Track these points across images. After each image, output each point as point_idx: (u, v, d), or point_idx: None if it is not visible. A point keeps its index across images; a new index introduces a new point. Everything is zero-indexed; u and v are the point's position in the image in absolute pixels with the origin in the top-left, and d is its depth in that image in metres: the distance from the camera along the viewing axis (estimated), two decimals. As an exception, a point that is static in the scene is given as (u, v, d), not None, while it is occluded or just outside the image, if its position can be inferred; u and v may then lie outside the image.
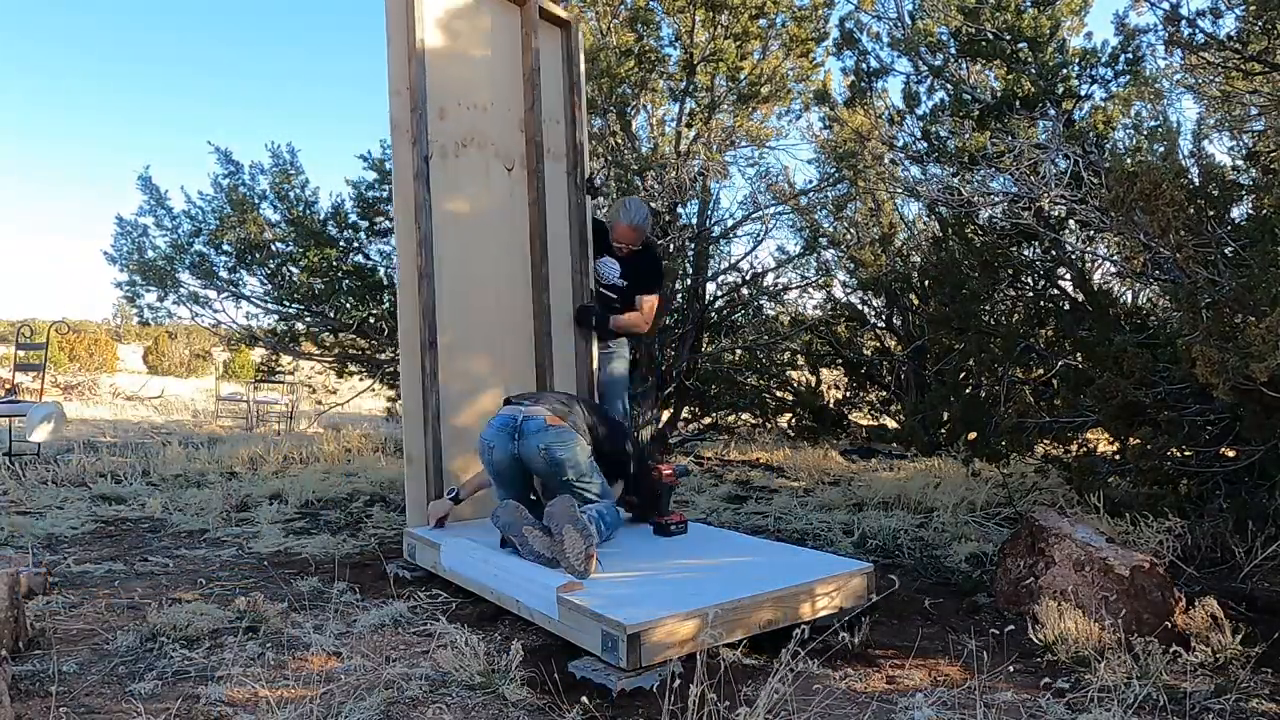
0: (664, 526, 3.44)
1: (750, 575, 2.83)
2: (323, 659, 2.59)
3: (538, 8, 4.08)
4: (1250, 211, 3.65)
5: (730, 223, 7.40)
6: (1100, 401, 3.59)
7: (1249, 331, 2.55)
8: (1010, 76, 4.81)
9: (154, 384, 16.40)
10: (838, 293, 7.92)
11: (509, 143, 4.05)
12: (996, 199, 4.73)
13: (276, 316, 8.03)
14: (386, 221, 7.43)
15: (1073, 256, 4.68)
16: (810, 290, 8.00)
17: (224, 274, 7.69)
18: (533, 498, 3.47)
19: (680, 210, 6.86)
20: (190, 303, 7.89)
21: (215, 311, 8.00)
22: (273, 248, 7.41)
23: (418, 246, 3.70)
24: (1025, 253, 4.72)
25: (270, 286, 7.64)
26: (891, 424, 7.40)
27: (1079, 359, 4.12)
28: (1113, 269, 4.83)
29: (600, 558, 3.02)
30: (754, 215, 7.19)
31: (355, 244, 7.58)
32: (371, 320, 7.54)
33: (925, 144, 5.28)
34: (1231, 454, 3.55)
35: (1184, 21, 3.78)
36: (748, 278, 7.56)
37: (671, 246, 6.60)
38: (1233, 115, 4.71)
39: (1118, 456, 3.96)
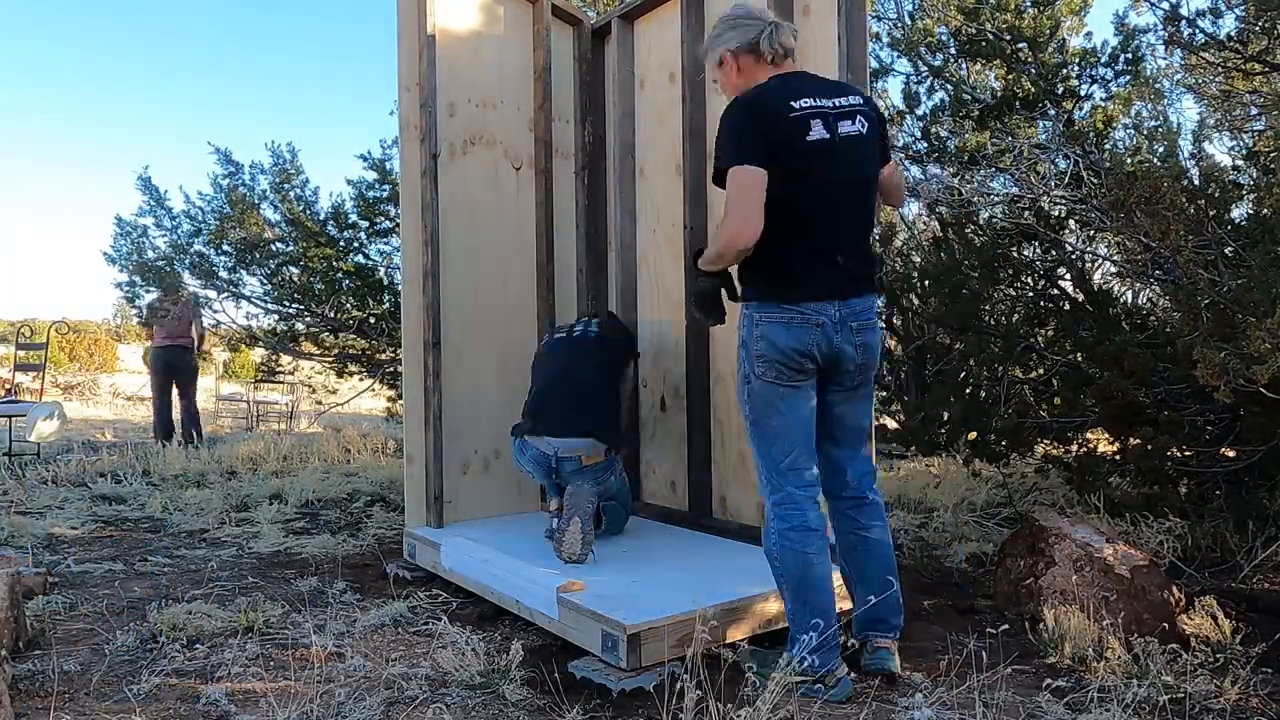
0: None
1: (751, 574, 2.83)
2: (323, 659, 2.59)
3: (550, 5, 4.07)
4: (1250, 211, 3.65)
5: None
6: (1100, 401, 3.58)
7: (1250, 334, 2.54)
8: (1010, 76, 4.82)
9: (154, 384, 16.35)
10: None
11: (518, 141, 4.05)
12: (996, 199, 4.73)
13: (276, 316, 8.04)
14: (387, 221, 7.44)
15: (1073, 256, 4.68)
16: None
17: (224, 274, 7.70)
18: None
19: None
20: (190, 303, 7.89)
21: (215, 312, 8.02)
22: (273, 248, 7.41)
23: (423, 245, 3.70)
24: (1025, 253, 4.72)
25: (270, 286, 7.65)
26: (891, 424, 7.39)
27: (1079, 359, 4.12)
28: (1113, 269, 4.83)
29: (601, 557, 3.03)
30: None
31: (355, 244, 7.59)
32: (371, 320, 7.55)
33: (925, 144, 5.28)
34: (1231, 454, 3.55)
35: (1184, 21, 3.78)
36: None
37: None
38: (1233, 115, 4.72)
39: (1118, 456, 3.96)
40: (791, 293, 2.30)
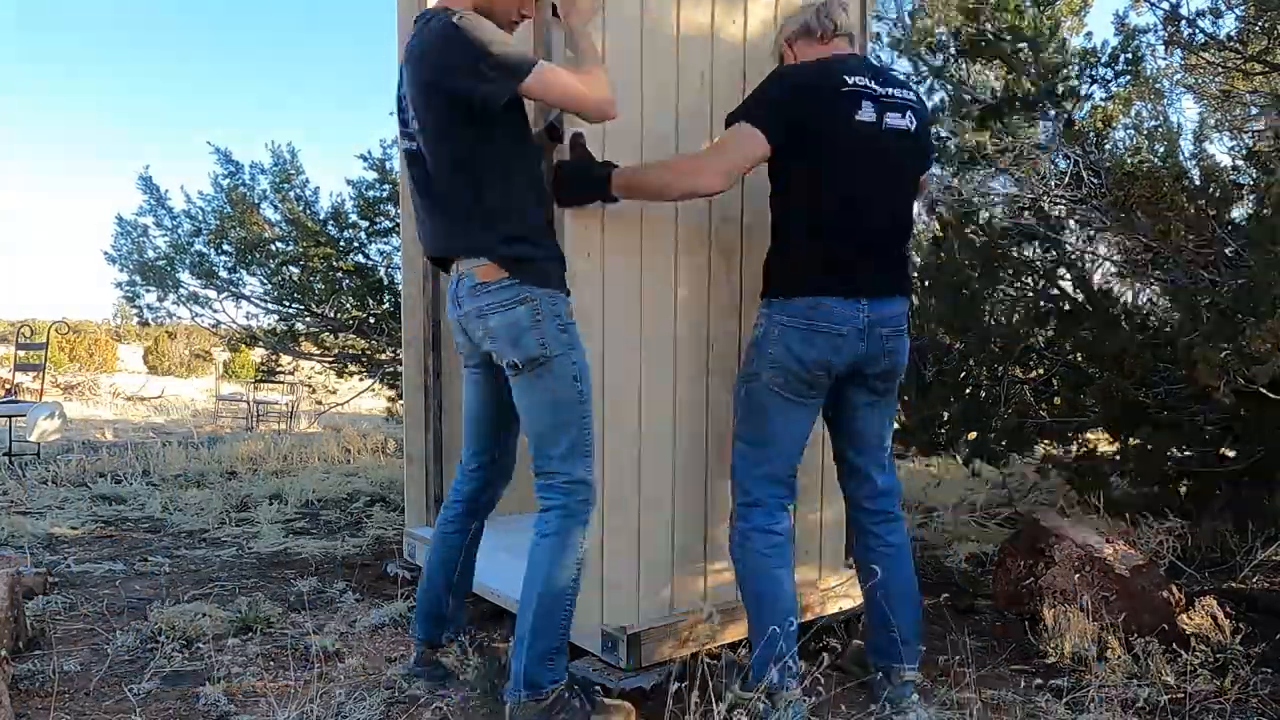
0: None
1: (750, 575, 2.82)
2: (323, 659, 2.59)
3: (551, 4, 4.07)
4: (1250, 211, 3.65)
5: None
6: (1100, 401, 3.59)
7: (1250, 334, 2.55)
8: (1010, 76, 4.81)
9: (154, 384, 16.39)
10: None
11: (517, 140, 4.04)
12: (996, 199, 4.73)
13: (276, 316, 8.03)
14: (387, 221, 7.43)
15: (1073, 256, 4.67)
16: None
17: (224, 274, 7.70)
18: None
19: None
20: (190, 303, 7.91)
21: (215, 311, 8.01)
22: (273, 248, 7.41)
23: (423, 244, 3.69)
24: (1025, 253, 4.72)
25: (270, 286, 7.65)
26: (891, 424, 7.39)
27: (1079, 359, 4.12)
28: (1113, 269, 4.83)
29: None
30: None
31: (355, 244, 7.58)
32: (371, 320, 7.54)
33: (925, 144, 5.27)
34: (1231, 454, 3.55)
35: (1184, 21, 3.78)
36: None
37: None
38: (1233, 115, 4.72)
39: (1118, 456, 3.96)
40: (818, 291, 2.11)
